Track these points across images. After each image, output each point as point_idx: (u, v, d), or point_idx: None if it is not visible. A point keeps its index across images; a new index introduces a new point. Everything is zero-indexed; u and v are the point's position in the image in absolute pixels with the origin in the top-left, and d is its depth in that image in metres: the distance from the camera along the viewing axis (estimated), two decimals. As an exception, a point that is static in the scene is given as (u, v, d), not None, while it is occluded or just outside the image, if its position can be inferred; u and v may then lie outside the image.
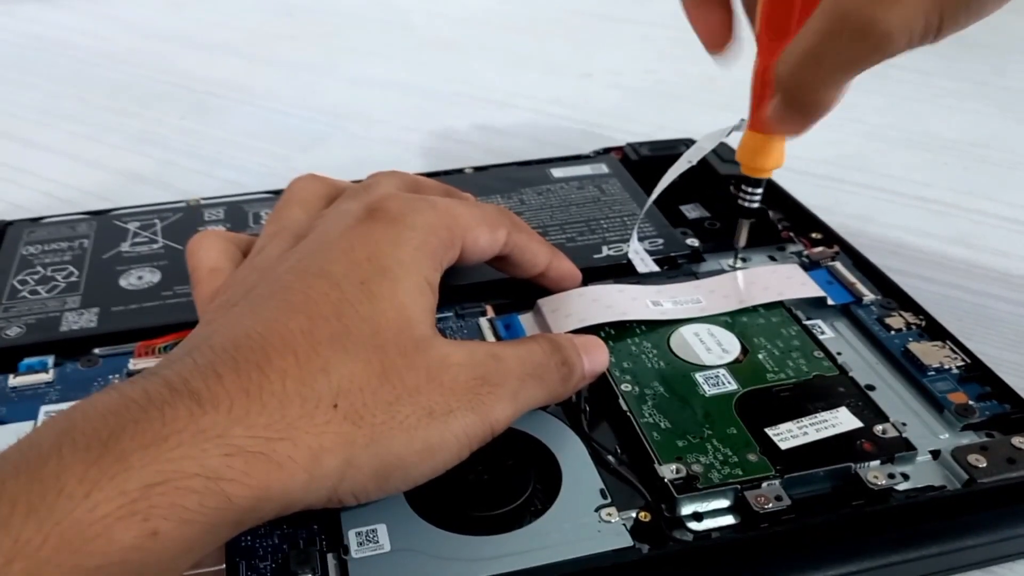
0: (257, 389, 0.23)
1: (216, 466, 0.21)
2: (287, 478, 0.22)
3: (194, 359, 0.24)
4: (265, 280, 0.27)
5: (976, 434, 0.30)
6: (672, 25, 0.34)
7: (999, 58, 0.68)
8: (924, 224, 0.47)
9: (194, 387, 0.22)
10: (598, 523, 0.27)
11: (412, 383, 0.25)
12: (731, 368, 0.32)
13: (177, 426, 0.21)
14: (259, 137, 0.58)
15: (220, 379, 0.23)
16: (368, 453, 0.24)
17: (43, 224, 0.43)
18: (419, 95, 0.65)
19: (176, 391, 0.22)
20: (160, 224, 0.43)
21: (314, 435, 0.23)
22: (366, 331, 0.25)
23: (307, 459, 0.23)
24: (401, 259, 0.27)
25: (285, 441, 0.23)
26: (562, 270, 0.35)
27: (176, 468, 0.21)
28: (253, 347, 0.24)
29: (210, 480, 0.21)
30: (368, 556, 0.25)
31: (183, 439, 0.21)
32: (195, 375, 0.23)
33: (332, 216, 0.30)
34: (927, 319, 0.35)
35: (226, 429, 0.22)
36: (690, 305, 0.35)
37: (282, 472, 0.22)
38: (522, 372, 0.28)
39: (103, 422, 0.21)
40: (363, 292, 0.26)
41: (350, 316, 0.25)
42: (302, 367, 0.24)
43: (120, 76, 0.68)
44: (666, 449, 0.28)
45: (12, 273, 0.39)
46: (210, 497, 0.21)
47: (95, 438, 0.21)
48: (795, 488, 0.27)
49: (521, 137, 0.58)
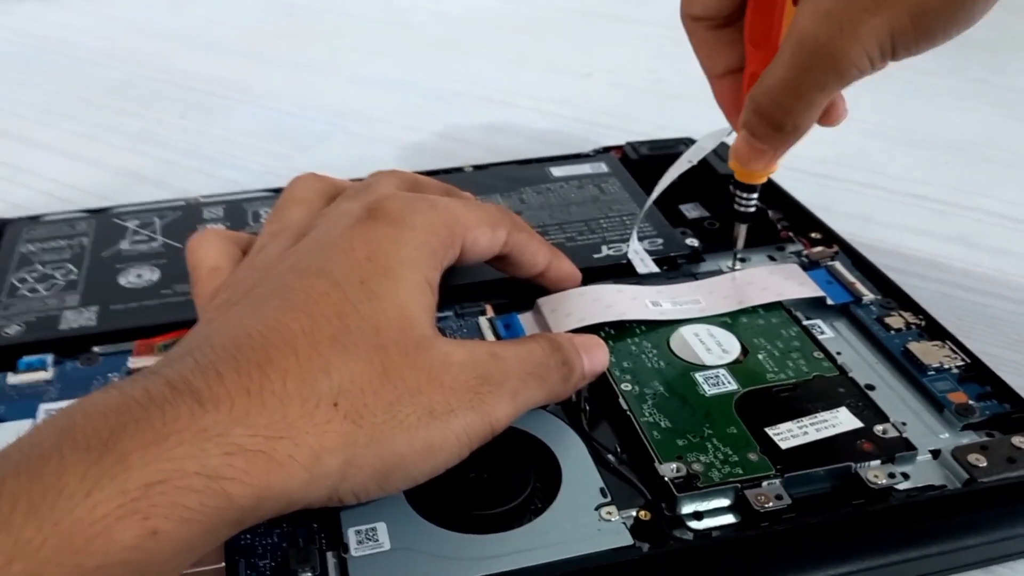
0: (258, 388, 0.23)
1: (217, 465, 0.21)
2: (288, 477, 0.22)
3: (195, 358, 0.24)
4: (265, 279, 0.27)
5: (976, 433, 0.30)
6: (672, 24, 0.34)
7: (998, 57, 0.68)
8: (923, 223, 0.47)
9: (195, 386, 0.22)
10: (598, 522, 0.27)
11: (413, 383, 0.25)
12: (731, 368, 0.32)
13: (178, 425, 0.21)
14: (259, 136, 0.58)
15: (221, 378, 0.23)
16: (369, 453, 0.24)
17: (42, 222, 0.43)
18: (419, 94, 0.65)
19: (177, 390, 0.22)
20: (159, 222, 0.43)
21: (315, 434, 0.23)
22: (367, 331, 0.25)
23: (308, 458, 0.23)
24: (402, 259, 0.27)
25: (286, 440, 0.23)
26: (562, 271, 0.35)
27: (177, 467, 0.21)
28: (254, 346, 0.24)
29: (211, 479, 0.21)
30: (368, 555, 0.25)
31: (184, 438, 0.21)
32: (196, 374, 0.23)
33: (332, 215, 0.30)
34: (927, 319, 0.35)
35: (227, 428, 0.22)
36: (690, 305, 0.35)
37: (283, 471, 0.22)
38: (522, 371, 0.28)
39: (104, 421, 0.21)
40: (364, 292, 0.26)
41: (351, 316, 0.25)
42: (303, 367, 0.24)
43: (120, 75, 0.68)
44: (666, 448, 0.28)
45: (11, 271, 0.39)
46: (211, 496, 0.21)
47: (96, 437, 0.21)
48: (795, 487, 0.27)
49: (521, 136, 0.58)
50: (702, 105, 0.34)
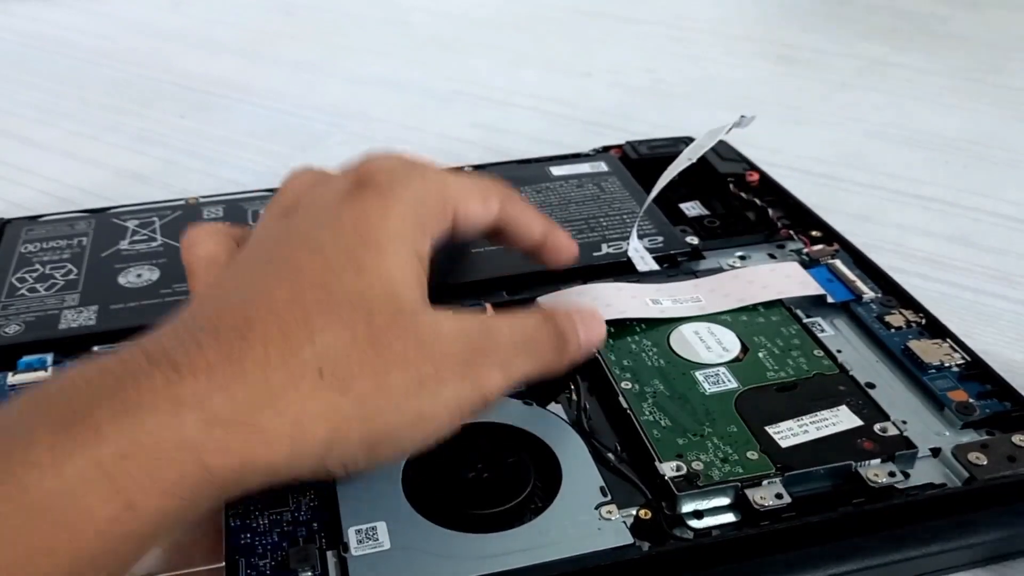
0: (239, 357, 0.22)
1: (195, 436, 0.21)
2: (271, 448, 0.22)
3: (175, 330, 0.23)
4: (251, 253, 0.27)
5: (976, 432, 0.30)
6: (672, 24, 0.34)
7: (998, 56, 0.68)
8: (924, 222, 0.47)
9: (173, 356, 0.22)
10: (598, 521, 0.27)
11: (401, 351, 0.24)
12: (731, 366, 0.32)
13: (153, 394, 0.21)
14: (259, 136, 0.58)
15: (201, 348, 0.22)
16: (356, 422, 0.23)
17: (42, 222, 0.43)
18: (419, 93, 0.65)
19: (154, 360, 0.22)
20: (159, 222, 0.43)
21: (299, 404, 0.22)
22: (353, 300, 0.25)
23: (291, 428, 0.22)
24: (389, 230, 0.27)
25: (268, 410, 0.22)
26: (559, 242, 0.33)
27: (152, 438, 0.20)
28: (235, 316, 0.23)
29: (188, 450, 0.20)
30: (368, 554, 0.25)
31: (159, 407, 0.20)
32: (175, 345, 0.22)
33: (321, 189, 0.29)
34: (927, 317, 0.35)
35: (205, 397, 0.21)
36: (690, 303, 0.35)
37: (265, 442, 0.22)
38: (514, 342, 0.27)
39: (76, 392, 0.21)
40: (349, 262, 0.25)
41: (336, 285, 0.25)
42: (286, 335, 0.23)
43: (120, 75, 0.68)
44: (666, 447, 0.28)
45: (11, 271, 0.39)
46: (189, 468, 0.20)
47: (67, 408, 0.20)
48: (795, 486, 0.27)
49: (520, 135, 0.58)
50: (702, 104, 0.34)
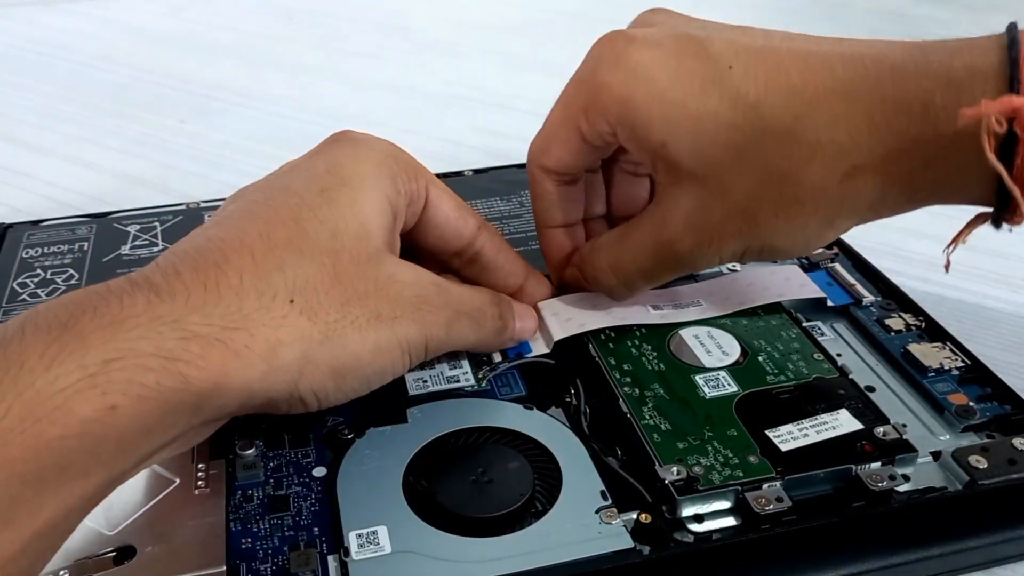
0: (214, 283, 0.24)
1: (172, 348, 0.23)
2: (244, 366, 0.24)
3: (157, 263, 0.25)
4: (233, 204, 0.29)
5: (977, 435, 0.30)
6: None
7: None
8: (923, 225, 0.47)
9: (153, 281, 0.24)
10: (599, 525, 0.27)
11: (362, 289, 0.27)
12: (731, 370, 0.32)
13: (135, 311, 0.23)
14: (258, 140, 0.58)
15: (179, 275, 0.24)
16: (324, 350, 0.25)
17: (43, 227, 0.43)
18: (418, 98, 0.65)
19: (136, 285, 0.24)
20: (160, 227, 0.43)
21: (271, 327, 0.25)
22: (324, 234, 0.27)
23: (264, 349, 0.24)
24: (361, 173, 0.29)
25: (241, 331, 0.24)
26: (535, 291, 0.34)
27: (132, 347, 0.22)
28: (212, 249, 0.26)
29: (166, 360, 0.22)
30: (369, 558, 0.25)
31: (140, 322, 0.23)
32: (155, 273, 0.25)
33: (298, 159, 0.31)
34: (927, 320, 0.35)
35: (182, 316, 0.23)
36: (690, 308, 0.35)
37: (239, 360, 0.24)
38: (461, 307, 0.30)
39: (64, 308, 0.23)
40: (323, 198, 0.28)
41: (308, 219, 0.27)
42: (258, 264, 0.25)
43: (119, 79, 0.68)
44: (667, 451, 0.28)
45: (12, 276, 0.39)
46: (167, 376, 0.22)
47: (56, 321, 0.22)
48: (796, 490, 0.27)
49: (520, 139, 0.57)
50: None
